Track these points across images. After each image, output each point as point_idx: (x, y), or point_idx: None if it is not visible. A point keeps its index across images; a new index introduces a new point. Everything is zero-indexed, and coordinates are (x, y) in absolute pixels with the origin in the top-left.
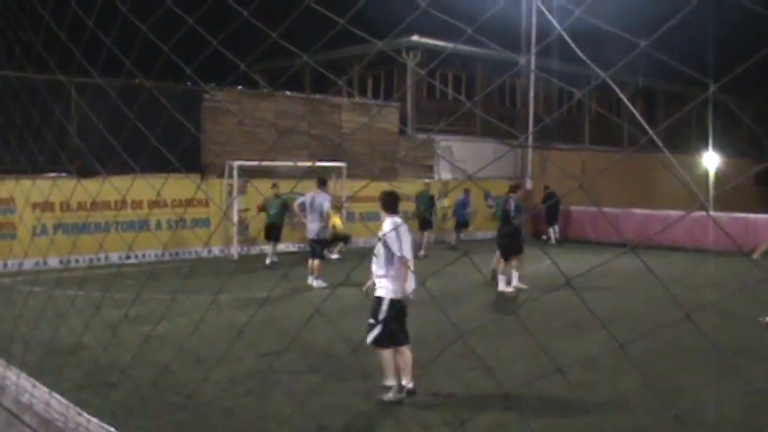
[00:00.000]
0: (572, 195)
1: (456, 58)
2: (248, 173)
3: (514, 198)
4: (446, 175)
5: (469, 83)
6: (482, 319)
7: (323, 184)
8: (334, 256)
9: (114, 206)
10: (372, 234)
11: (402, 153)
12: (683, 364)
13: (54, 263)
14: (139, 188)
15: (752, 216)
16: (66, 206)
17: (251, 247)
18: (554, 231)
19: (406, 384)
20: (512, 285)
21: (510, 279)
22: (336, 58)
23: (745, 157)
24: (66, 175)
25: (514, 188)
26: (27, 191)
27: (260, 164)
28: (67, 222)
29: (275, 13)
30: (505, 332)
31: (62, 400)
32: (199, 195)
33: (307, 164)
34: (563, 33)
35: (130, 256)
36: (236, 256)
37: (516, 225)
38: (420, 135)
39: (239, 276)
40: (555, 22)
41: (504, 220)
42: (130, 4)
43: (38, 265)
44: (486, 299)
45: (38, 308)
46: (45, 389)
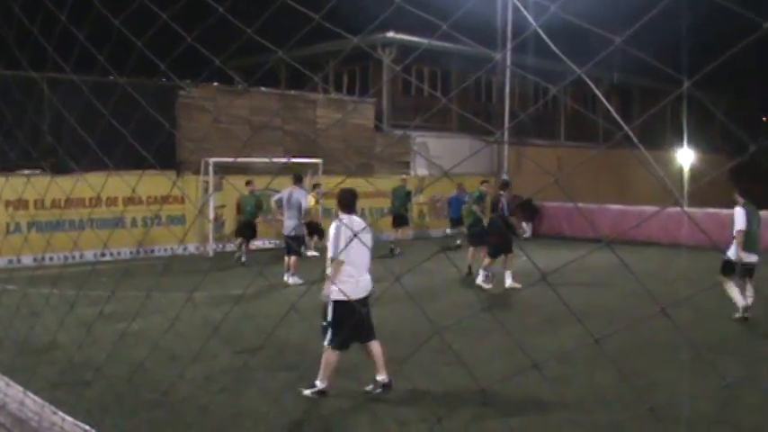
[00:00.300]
0: (548, 191)
1: (431, 55)
2: (224, 169)
3: (506, 196)
4: (422, 171)
5: (445, 79)
6: (458, 316)
7: (299, 180)
8: (311, 253)
9: (89, 203)
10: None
11: (378, 149)
12: (658, 359)
13: (28, 261)
14: (114, 185)
15: (725, 211)
16: (41, 204)
17: (226, 244)
18: (528, 227)
19: (382, 379)
20: (506, 285)
21: (489, 276)
22: (312, 54)
23: (719, 152)
24: (40, 172)
25: (504, 185)
26: (0, 188)
27: (235, 160)
28: (41, 220)
29: (250, 9)
30: (482, 328)
31: (36, 398)
32: (174, 192)
33: (282, 160)
34: (538, 29)
35: (105, 254)
36: (211, 254)
37: (508, 222)
38: (396, 131)
39: (215, 273)
40: (530, 18)
41: (496, 219)
42: None
43: (11, 263)
44: (463, 295)
45: (12, 306)
46: (19, 388)
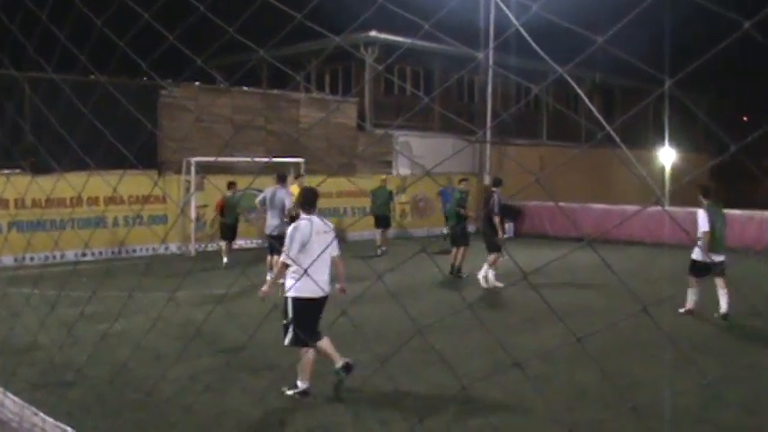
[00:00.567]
0: (530, 190)
1: (414, 54)
2: (206, 169)
3: (498, 193)
4: (404, 170)
5: (428, 78)
6: (441, 315)
7: (282, 179)
8: None
9: (70, 203)
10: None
11: (360, 148)
12: (639, 357)
13: (8, 261)
14: (95, 185)
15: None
16: (21, 203)
17: (209, 244)
18: (510, 227)
19: (342, 363)
20: (489, 284)
21: (490, 274)
22: (294, 53)
23: (700, 152)
24: (20, 171)
25: (497, 182)
26: None
27: (217, 160)
28: (22, 220)
29: (232, 8)
30: (464, 327)
31: (17, 399)
32: (156, 192)
33: (264, 159)
34: (520, 29)
35: (86, 254)
36: (193, 253)
37: (493, 223)
38: (378, 130)
39: (197, 273)
40: (513, 18)
41: (488, 216)
42: None
43: None
44: (446, 295)
45: None
46: None
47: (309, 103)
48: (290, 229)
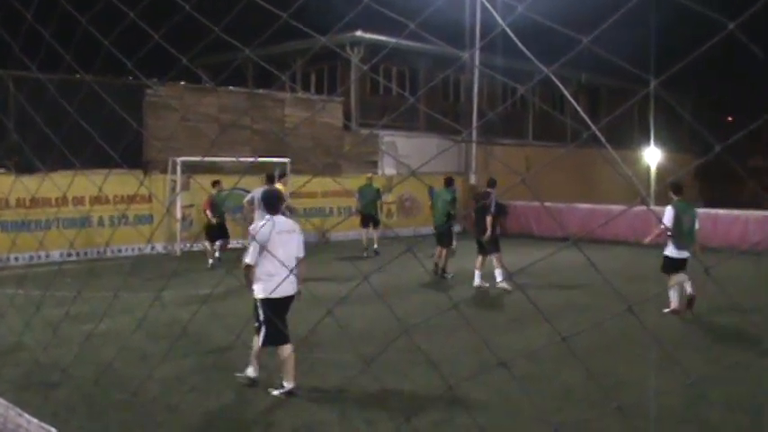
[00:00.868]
0: (516, 190)
1: (400, 54)
2: (191, 168)
3: (494, 193)
4: (390, 170)
5: (413, 78)
6: (427, 315)
7: (271, 179)
8: None
9: (55, 203)
10: (315, 229)
11: (346, 148)
12: (625, 357)
13: None
14: (81, 184)
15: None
16: (5, 203)
17: (194, 244)
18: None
19: (287, 385)
20: (475, 284)
21: (498, 273)
22: (279, 52)
23: (685, 152)
24: (4, 171)
25: (493, 183)
26: None
27: (203, 159)
28: (6, 220)
29: (217, 8)
30: (450, 327)
31: (1, 400)
32: (141, 191)
33: (249, 159)
34: (506, 29)
35: (72, 254)
36: (179, 253)
37: (493, 220)
38: (364, 130)
39: (183, 273)
40: (498, 18)
41: (481, 215)
42: None
43: None
44: (432, 295)
45: None
46: None
47: (295, 103)
48: (251, 231)
